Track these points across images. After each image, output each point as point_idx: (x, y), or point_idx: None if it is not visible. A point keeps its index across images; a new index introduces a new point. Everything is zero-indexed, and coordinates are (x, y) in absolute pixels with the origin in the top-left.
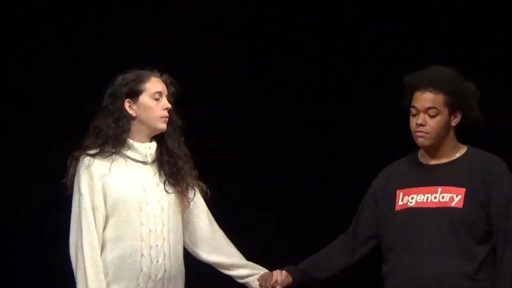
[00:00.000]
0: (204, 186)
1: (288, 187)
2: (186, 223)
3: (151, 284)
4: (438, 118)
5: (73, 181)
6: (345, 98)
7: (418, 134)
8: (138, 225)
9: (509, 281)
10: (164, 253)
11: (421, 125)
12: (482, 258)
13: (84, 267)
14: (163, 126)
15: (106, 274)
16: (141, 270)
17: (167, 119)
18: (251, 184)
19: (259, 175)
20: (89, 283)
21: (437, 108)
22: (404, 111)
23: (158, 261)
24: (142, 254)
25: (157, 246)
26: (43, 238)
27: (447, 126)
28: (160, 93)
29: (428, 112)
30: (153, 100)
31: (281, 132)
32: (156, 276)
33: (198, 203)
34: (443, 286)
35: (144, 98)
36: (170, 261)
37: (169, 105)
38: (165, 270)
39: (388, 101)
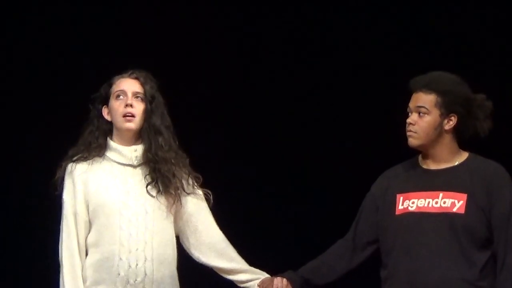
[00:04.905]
0: (209, 193)
1: (289, 191)
2: (185, 226)
3: None
4: (427, 118)
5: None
6: (345, 102)
7: (408, 133)
8: (117, 229)
9: None
10: (145, 257)
11: (411, 124)
12: (482, 264)
13: (63, 272)
14: (126, 125)
15: (86, 279)
16: (119, 274)
17: (131, 116)
18: (252, 188)
19: (260, 178)
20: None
21: (426, 108)
22: (405, 116)
23: (137, 265)
24: (120, 258)
25: (137, 250)
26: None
27: (438, 127)
28: (122, 91)
29: (418, 112)
30: (115, 100)
31: (280, 137)
32: (135, 280)
33: (199, 206)
34: None
35: (111, 101)
36: (152, 264)
37: (130, 101)
38: (145, 274)
39: (389, 104)
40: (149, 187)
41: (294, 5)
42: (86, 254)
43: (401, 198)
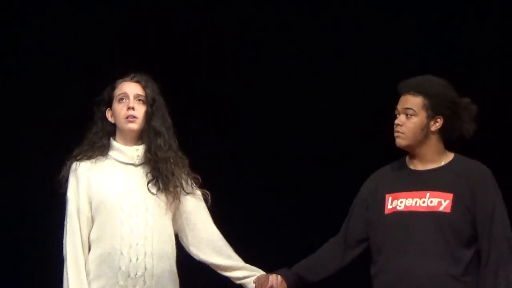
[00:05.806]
0: (207, 193)
1: (287, 191)
2: (185, 224)
3: (130, 282)
4: (414, 119)
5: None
6: (344, 102)
7: (395, 134)
8: (118, 224)
9: (493, 285)
10: (145, 252)
11: (398, 125)
12: (467, 260)
13: (67, 268)
14: (128, 126)
15: (88, 272)
16: (120, 269)
17: (133, 118)
18: (251, 188)
19: (256, 179)
20: (70, 283)
21: (413, 110)
22: (394, 117)
23: (137, 259)
24: (121, 253)
25: (137, 244)
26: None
27: (424, 129)
28: (124, 94)
29: (406, 113)
30: (118, 103)
31: (280, 137)
32: (136, 274)
33: (198, 205)
34: (432, 287)
35: (114, 104)
36: (152, 259)
37: (132, 104)
38: (145, 268)
39: (380, 106)
40: (149, 184)
41: (293, 5)
42: (89, 250)
43: (390, 198)
